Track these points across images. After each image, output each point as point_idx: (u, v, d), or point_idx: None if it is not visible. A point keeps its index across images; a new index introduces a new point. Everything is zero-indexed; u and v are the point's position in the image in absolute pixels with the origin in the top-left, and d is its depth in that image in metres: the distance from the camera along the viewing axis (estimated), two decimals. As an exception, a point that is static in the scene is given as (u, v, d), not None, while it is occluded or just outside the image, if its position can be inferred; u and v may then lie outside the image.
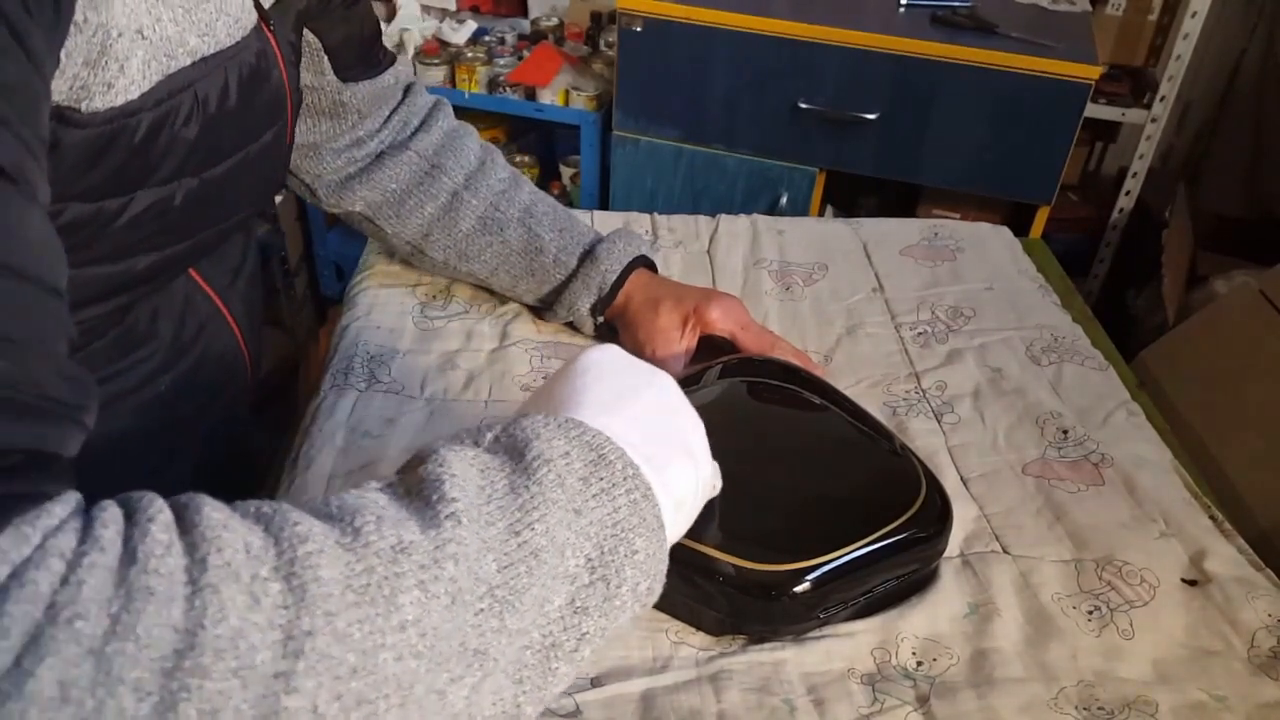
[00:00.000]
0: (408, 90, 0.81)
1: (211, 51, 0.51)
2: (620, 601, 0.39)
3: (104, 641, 0.27)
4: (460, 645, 0.34)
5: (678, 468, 0.44)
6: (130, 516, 0.31)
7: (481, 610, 0.35)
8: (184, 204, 0.53)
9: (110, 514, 0.31)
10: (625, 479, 0.40)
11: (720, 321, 0.77)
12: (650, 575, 0.41)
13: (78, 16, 0.42)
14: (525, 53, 2.03)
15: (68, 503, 0.31)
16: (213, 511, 0.32)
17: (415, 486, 0.37)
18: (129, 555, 0.30)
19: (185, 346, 0.63)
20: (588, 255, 0.80)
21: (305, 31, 0.68)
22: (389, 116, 0.79)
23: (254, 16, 0.56)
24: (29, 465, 0.31)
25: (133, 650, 0.28)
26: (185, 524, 0.32)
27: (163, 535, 0.30)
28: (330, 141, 0.77)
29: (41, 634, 0.27)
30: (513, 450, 0.39)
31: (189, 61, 0.49)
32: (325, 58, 0.71)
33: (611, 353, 0.48)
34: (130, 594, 0.28)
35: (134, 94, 0.46)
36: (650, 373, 0.48)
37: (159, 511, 0.32)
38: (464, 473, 0.37)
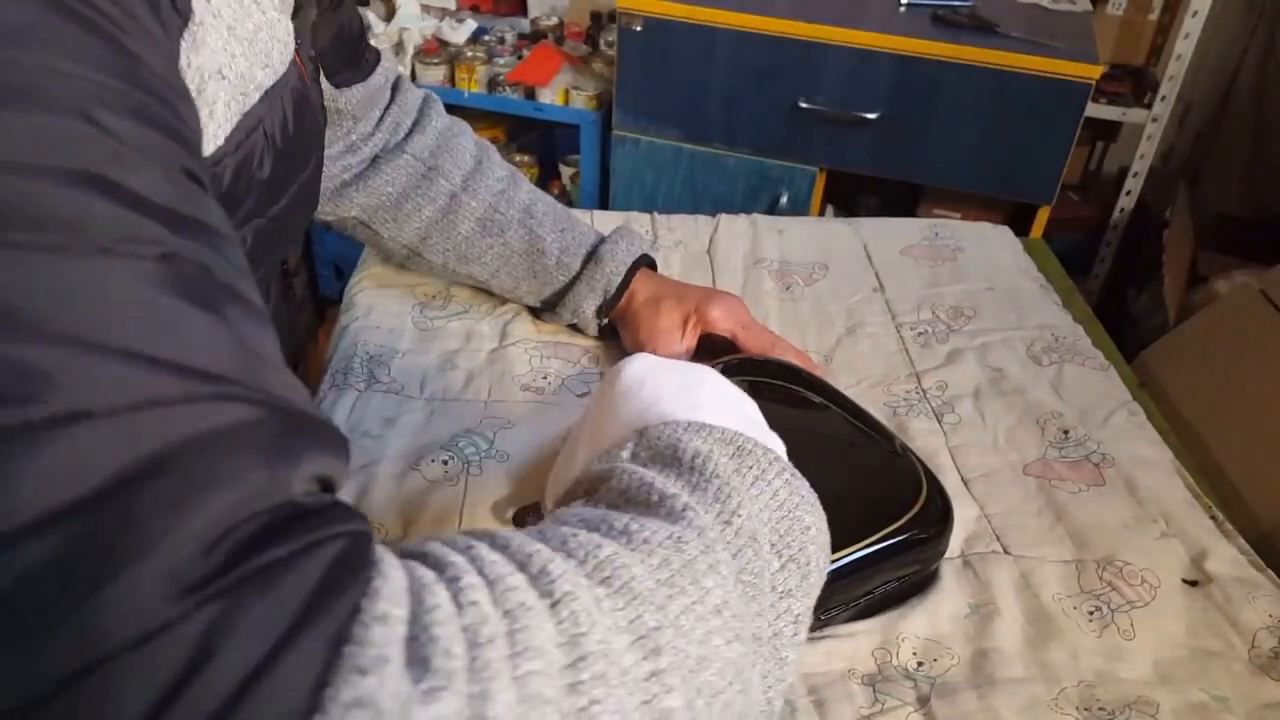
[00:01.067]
0: (395, 88, 0.80)
1: (271, 83, 0.48)
2: (814, 580, 0.39)
3: (513, 665, 0.26)
4: (746, 629, 0.34)
5: (774, 444, 0.44)
6: (444, 544, 0.30)
7: (740, 596, 0.34)
8: (252, 246, 0.50)
9: (435, 544, 0.30)
10: (770, 463, 0.40)
11: (721, 321, 0.76)
12: (824, 550, 0.40)
13: (182, 60, 0.38)
14: (525, 52, 2.03)
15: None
16: (510, 533, 0.31)
17: (618, 497, 0.36)
18: (484, 579, 0.28)
19: None
20: (591, 257, 0.79)
21: None
22: (381, 118, 0.78)
23: (293, 38, 0.53)
24: (337, 501, 0.29)
25: (541, 667, 0.26)
26: (495, 546, 0.30)
27: (494, 555, 0.29)
28: (325, 149, 0.76)
29: (486, 665, 0.25)
30: (663, 458, 0.39)
31: (258, 97, 0.46)
32: (318, 64, 0.70)
33: (649, 359, 0.48)
34: (511, 614, 0.27)
35: (220, 140, 0.43)
36: (695, 367, 0.48)
37: (463, 537, 0.30)
38: (653, 477, 0.37)
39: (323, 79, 0.71)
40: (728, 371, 0.69)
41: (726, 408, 0.44)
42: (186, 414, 0.25)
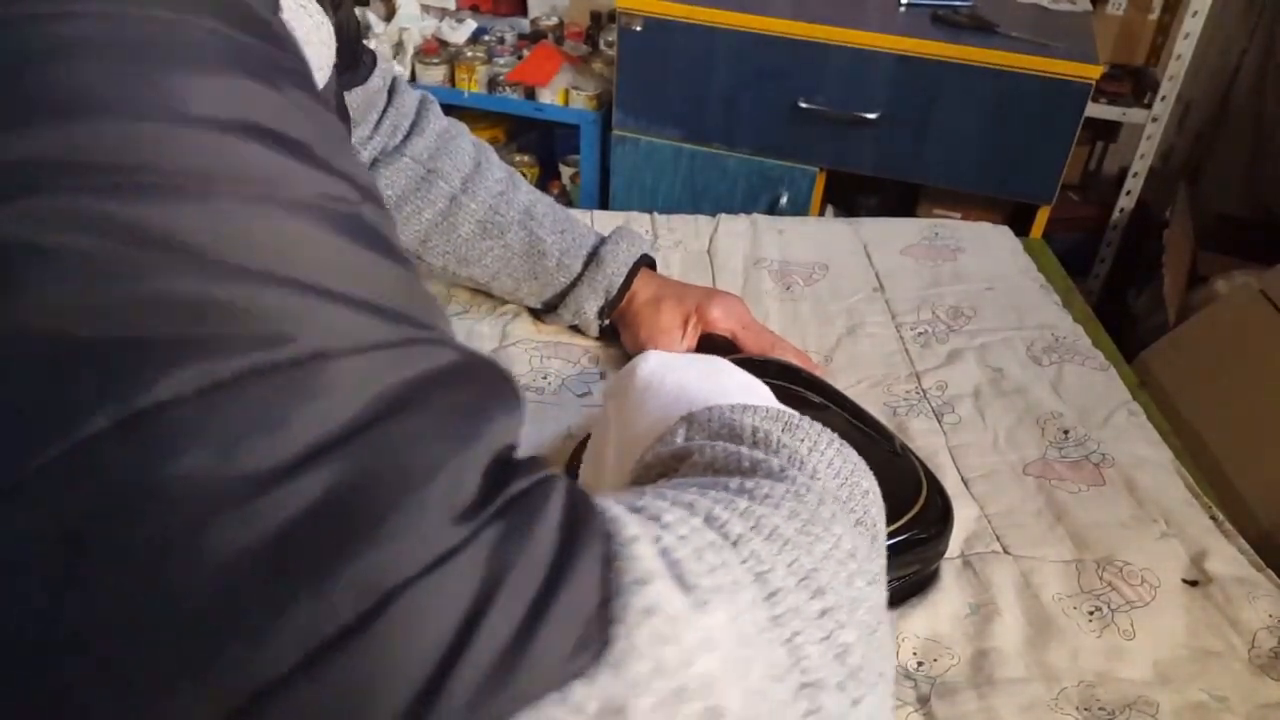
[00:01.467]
0: (392, 90, 0.79)
1: (320, 87, 0.47)
2: (880, 542, 0.39)
3: (733, 593, 0.27)
4: (875, 575, 0.35)
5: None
6: (616, 495, 0.31)
7: (863, 544, 0.35)
8: None
9: (610, 494, 0.31)
10: (819, 433, 0.40)
11: (722, 320, 0.76)
12: (883, 512, 0.41)
13: None
14: (525, 52, 2.03)
15: None
16: (662, 489, 0.32)
17: (706, 470, 0.37)
18: (675, 518, 0.29)
19: None
20: (592, 258, 0.79)
21: None
22: (378, 122, 0.78)
23: (334, 39, 0.53)
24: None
25: (751, 598, 0.27)
26: (660, 498, 0.32)
27: (665, 504, 0.30)
28: None
29: (719, 589, 0.26)
30: (722, 436, 0.39)
31: None
32: None
33: (659, 356, 0.48)
34: (709, 550, 0.28)
35: None
36: (706, 358, 0.48)
37: (627, 492, 0.32)
38: (737, 447, 0.37)
39: None
40: None
41: (750, 389, 0.45)
42: (413, 355, 0.25)
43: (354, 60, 0.73)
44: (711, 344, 0.77)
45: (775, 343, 0.77)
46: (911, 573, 0.60)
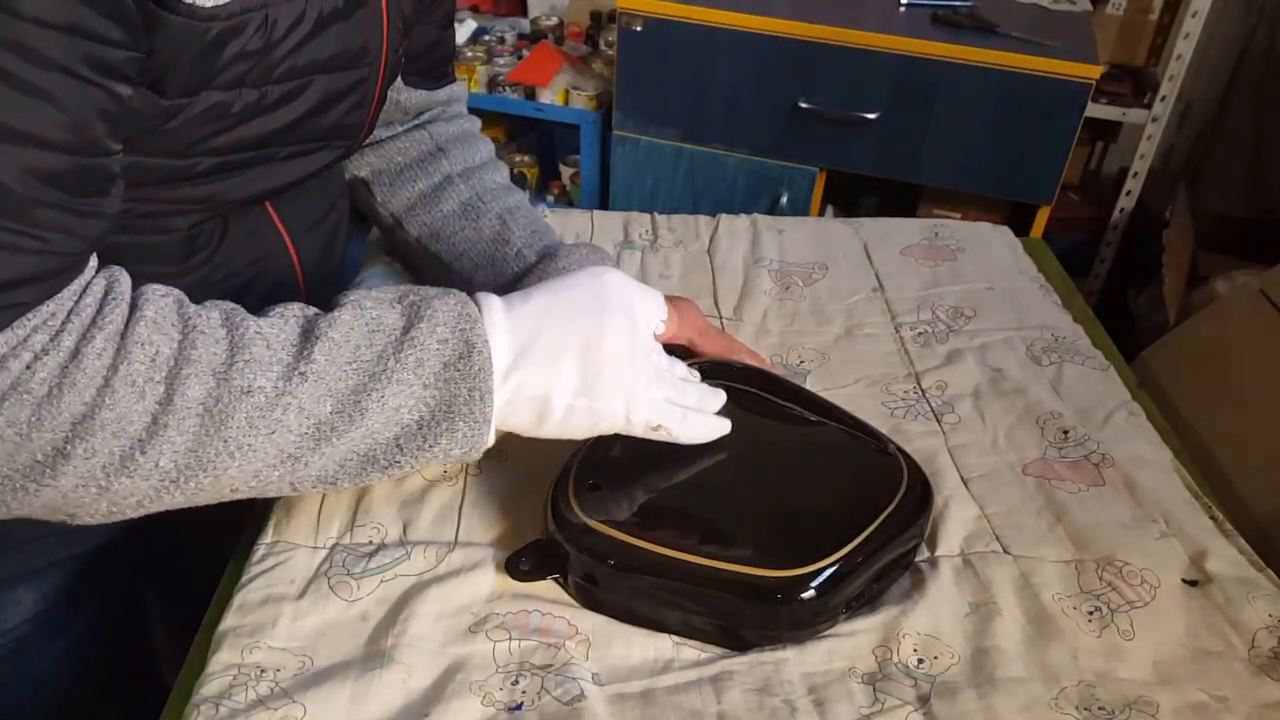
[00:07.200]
0: (449, 103, 0.85)
1: None
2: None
3: None
4: None
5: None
6: None
7: None
8: (242, 112, 0.56)
9: None
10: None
11: (678, 329, 0.75)
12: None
13: None
14: (525, 52, 2.04)
15: None
16: None
17: None
18: None
19: (238, 270, 0.67)
20: (549, 253, 0.79)
21: None
22: (423, 111, 0.83)
23: None
24: None
25: None
26: None
27: None
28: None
29: None
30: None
31: None
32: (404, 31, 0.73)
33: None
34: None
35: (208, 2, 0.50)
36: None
37: None
38: None
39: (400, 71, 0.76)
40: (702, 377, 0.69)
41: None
42: None
43: (436, 72, 0.81)
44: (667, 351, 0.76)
45: (731, 346, 0.76)
46: (909, 550, 0.62)
